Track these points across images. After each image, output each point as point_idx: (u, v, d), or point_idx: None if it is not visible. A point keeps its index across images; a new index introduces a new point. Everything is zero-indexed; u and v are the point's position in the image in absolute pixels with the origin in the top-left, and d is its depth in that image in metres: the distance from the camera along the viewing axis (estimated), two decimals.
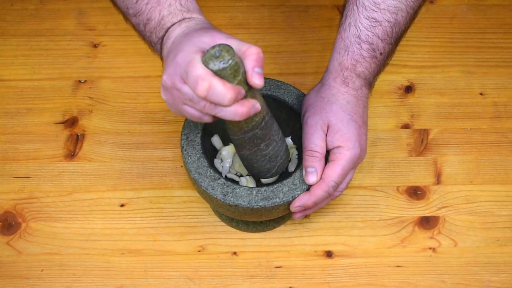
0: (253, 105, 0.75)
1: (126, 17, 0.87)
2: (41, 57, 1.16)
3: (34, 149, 1.07)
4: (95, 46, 1.17)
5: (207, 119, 0.77)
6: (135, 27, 0.86)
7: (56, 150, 1.07)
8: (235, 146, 0.88)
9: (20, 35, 1.18)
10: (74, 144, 1.08)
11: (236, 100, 0.73)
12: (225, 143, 0.96)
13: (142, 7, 0.83)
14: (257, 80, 0.74)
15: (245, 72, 0.74)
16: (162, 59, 0.83)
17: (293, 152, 0.96)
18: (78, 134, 1.08)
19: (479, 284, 0.97)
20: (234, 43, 0.75)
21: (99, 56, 1.16)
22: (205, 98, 0.72)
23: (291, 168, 0.96)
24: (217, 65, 0.72)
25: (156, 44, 0.83)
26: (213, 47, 0.73)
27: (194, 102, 0.74)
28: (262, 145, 0.86)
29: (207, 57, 0.72)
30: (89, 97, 1.12)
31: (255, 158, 0.88)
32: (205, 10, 1.21)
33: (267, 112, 0.83)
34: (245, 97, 0.75)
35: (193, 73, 0.72)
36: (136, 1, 0.83)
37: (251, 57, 0.74)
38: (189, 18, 0.82)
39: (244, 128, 0.82)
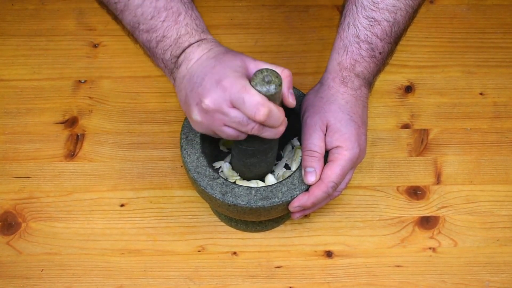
0: (286, 122, 0.81)
1: (132, 32, 0.86)
2: (41, 57, 1.16)
3: (34, 149, 1.07)
4: (95, 46, 1.17)
5: (242, 137, 0.81)
6: (143, 43, 0.85)
7: (56, 150, 1.07)
8: (242, 155, 0.89)
9: (20, 35, 1.18)
10: (74, 144, 1.08)
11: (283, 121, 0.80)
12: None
13: (157, 24, 0.82)
14: (292, 100, 0.81)
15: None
16: (173, 77, 0.84)
17: (298, 153, 0.96)
18: (78, 134, 1.08)
19: (479, 284, 0.97)
20: (266, 67, 0.79)
21: (99, 56, 1.16)
22: (263, 122, 0.77)
23: (293, 167, 0.96)
24: (269, 90, 0.77)
25: (168, 61, 0.84)
26: (261, 71, 0.78)
27: (242, 125, 0.78)
28: (270, 153, 0.89)
29: (257, 82, 0.77)
30: (89, 97, 1.12)
31: (259, 164, 0.90)
32: (205, 10, 1.22)
33: None
34: None
35: (252, 100, 0.76)
36: (151, 17, 0.82)
37: (286, 79, 0.80)
38: (205, 39, 0.83)
39: (265, 140, 0.84)
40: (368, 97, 0.91)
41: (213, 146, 0.97)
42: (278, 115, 0.78)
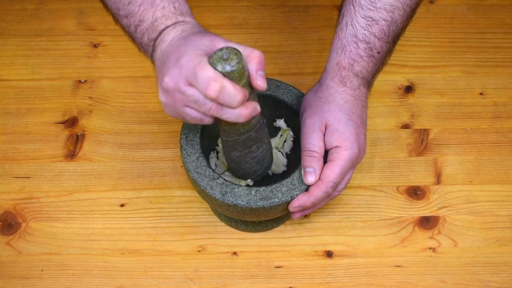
0: (255, 107, 0.77)
1: (116, 18, 0.87)
2: (41, 57, 1.16)
3: (34, 149, 1.07)
4: (95, 46, 1.17)
5: (208, 121, 0.78)
6: (125, 29, 0.86)
7: (56, 150, 1.07)
8: (225, 148, 0.88)
9: (20, 35, 1.18)
10: (74, 144, 1.08)
11: (243, 102, 0.75)
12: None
13: (134, 9, 0.83)
14: (261, 83, 0.76)
15: (248, 75, 0.76)
16: (152, 61, 0.84)
17: (289, 133, 0.97)
18: (78, 134, 1.08)
19: (479, 284, 0.97)
20: (235, 47, 0.76)
21: (99, 56, 1.16)
22: (215, 99, 0.74)
23: (287, 149, 0.97)
24: (226, 67, 0.73)
25: (147, 46, 0.83)
26: (221, 49, 0.74)
27: (199, 104, 0.75)
28: (254, 147, 0.87)
29: (214, 59, 0.73)
30: (89, 97, 1.12)
31: (244, 160, 0.89)
32: (205, 10, 1.22)
33: (261, 115, 0.85)
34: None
35: (204, 75, 0.73)
36: (129, 3, 0.83)
37: (255, 60, 0.76)
38: (182, 21, 0.82)
39: (240, 130, 0.83)
40: (367, 96, 0.91)
41: (213, 146, 0.97)
42: (233, 92, 0.73)
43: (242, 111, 0.75)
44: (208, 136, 0.94)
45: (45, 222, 1.01)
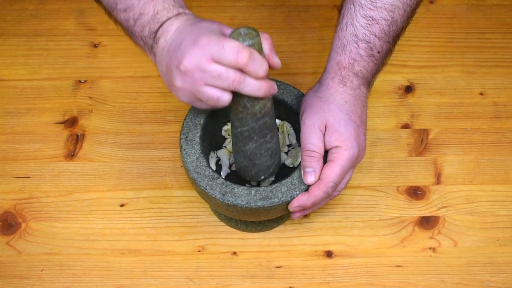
0: (273, 85, 0.81)
1: (111, 12, 0.87)
2: (41, 57, 1.16)
3: (34, 149, 1.07)
4: (95, 46, 1.17)
5: (224, 100, 0.79)
6: (121, 23, 0.87)
7: (56, 150, 1.07)
8: (240, 142, 0.89)
9: (20, 35, 1.18)
10: (74, 144, 1.08)
11: (267, 73, 0.78)
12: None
13: (134, 3, 0.84)
14: (277, 60, 0.81)
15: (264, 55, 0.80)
16: (153, 53, 0.85)
17: (286, 124, 0.97)
18: (78, 134, 1.08)
19: (479, 284, 0.97)
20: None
21: (99, 56, 1.16)
22: (244, 66, 0.76)
23: (292, 140, 0.97)
24: (247, 41, 0.77)
25: (147, 38, 0.84)
26: (238, 28, 0.78)
27: (222, 78, 0.77)
28: (269, 136, 0.88)
29: (234, 35, 0.78)
30: (89, 97, 1.12)
31: (259, 152, 0.89)
32: (205, 10, 1.22)
33: (272, 102, 0.86)
34: None
35: (232, 45, 0.76)
36: None
37: (266, 41, 0.80)
38: (184, 12, 0.84)
39: (257, 115, 0.84)
40: (367, 96, 0.91)
41: (213, 146, 0.97)
42: (261, 59, 0.77)
43: (263, 84, 0.79)
44: (208, 136, 0.94)
45: (45, 222, 1.01)
